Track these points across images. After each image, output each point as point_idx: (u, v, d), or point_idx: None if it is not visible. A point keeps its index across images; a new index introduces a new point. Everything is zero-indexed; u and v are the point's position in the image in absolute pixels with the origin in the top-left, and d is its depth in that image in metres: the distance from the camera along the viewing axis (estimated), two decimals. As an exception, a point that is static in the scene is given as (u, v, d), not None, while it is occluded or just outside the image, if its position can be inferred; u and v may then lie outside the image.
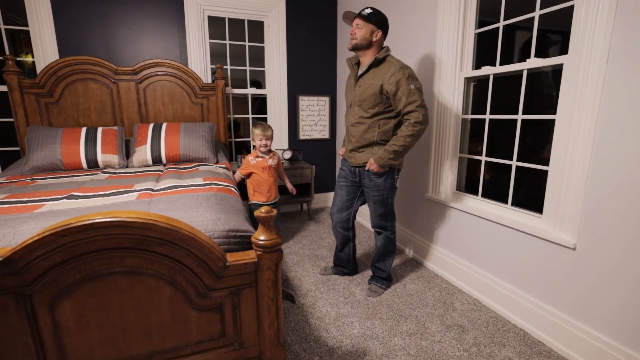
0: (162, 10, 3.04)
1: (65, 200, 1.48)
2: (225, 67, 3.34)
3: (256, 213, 1.14)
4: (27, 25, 2.77)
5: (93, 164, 2.37)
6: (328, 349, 1.58)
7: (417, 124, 1.71)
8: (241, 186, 2.76)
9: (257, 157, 2.45)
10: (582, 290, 1.46)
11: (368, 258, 2.54)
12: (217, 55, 3.36)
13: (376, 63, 1.80)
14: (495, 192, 2.01)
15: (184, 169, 2.29)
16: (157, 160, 2.51)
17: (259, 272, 1.16)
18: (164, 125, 2.65)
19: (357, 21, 1.79)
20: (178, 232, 1.02)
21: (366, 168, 1.88)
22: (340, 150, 2.17)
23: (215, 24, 3.29)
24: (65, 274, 0.97)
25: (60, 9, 2.78)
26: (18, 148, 2.90)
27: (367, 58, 1.84)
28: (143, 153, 2.48)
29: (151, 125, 2.63)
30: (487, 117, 1.97)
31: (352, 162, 1.97)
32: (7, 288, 0.92)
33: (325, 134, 3.79)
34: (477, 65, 2.06)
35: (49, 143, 2.31)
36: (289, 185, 2.72)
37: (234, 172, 2.53)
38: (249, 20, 3.37)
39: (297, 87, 3.60)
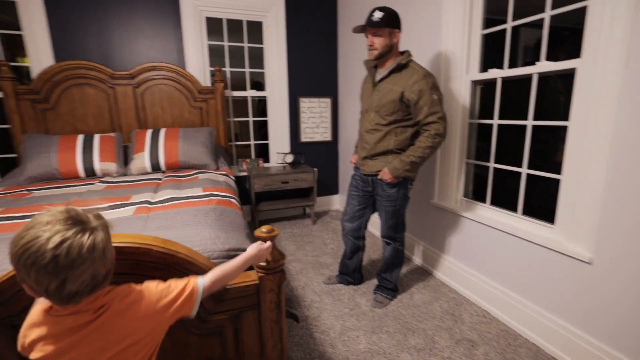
0: (158, 12, 2.97)
1: (59, 215, 1.42)
2: (224, 69, 3.28)
3: (256, 233, 1.08)
4: (21, 30, 2.70)
5: (90, 173, 2.31)
6: (333, 366, 1.53)
7: (437, 135, 1.65)
8: (242, 192, 2.67)
9: None
10: (599, 306, 1.39)
11: (373, 266, 2.48)
12: (216, 55, 3.29)
13: (398, 68, 1.71)
14: (504, 200, 1.94)
15: (183, 177, 2.23)
16: (155, 167, 2.45)
17: (261, 294, 1.11)
18: (162, 131, 2.59)
19: (372, 30, 1.69)
20: (174, 256, 0.97)
21: (379, 177, 1.81)
22: (352, 158, 2.09)
23: (214, 25, 3.22)
24: (56, 302, 0.92)
25: (54, 11, 2.70)
26: (16, 155, 2.85)
27: (387, 61, 1.76)
28: (141, 160, 2.42)
29: (149, 131, 2.57)
30: (495, 122, 1.90)
31: (365, 170, 1.89)
32: (-7, 320, 0.87)
33: (327, 136, 3.73)
34: (484, 67, 1.98)
35: (45, 152, 2.25)
36: None
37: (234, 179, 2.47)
38: (247, 21, 3.30)
39: (297, 89, 3.53)
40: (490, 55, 2.03)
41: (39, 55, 2.72)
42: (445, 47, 2.07)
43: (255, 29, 3.37)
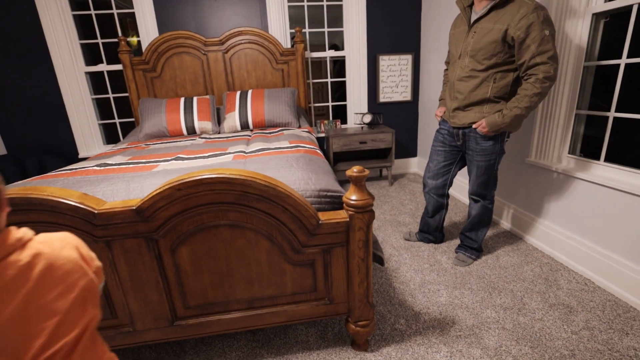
0: (244, -23, 3.08)
1: (174, 161, 1.66)
2: (303, 30, 3.30)
3: (348, 172, 1.12)
4: (132, 8, 3.07)
5: (191, 131, 2.62)
6: (414, 313, 1.56)
7: (546, 79, 1.44)
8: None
9: None
10: None
11: (454, 227, 2.39)
12: (295, 20, 3.33)
13: (500, 4, 1.50)
14: (622, 156, 1.66)
15: (270, 133, 2.39)
16: (244, 125, 2.66)
17: (350, 232, 1.16)
18: (250, 92, 2.77)
19: None
20: (275, 189, 1.06)
21: (475, 126, 1.66)
22: (438, 111, 1.94)
23: (294, -14, 3.22)
24: (182, 223, 1.09)
25: (157, -13, 3.00)
26: (132, 119, 3.35)
27: None
28: (232, 119, 2.65)
29: (238, 93, 2.77)
30: (623, 61, 1.59)
31: (455, 123, 1.76)
32: (140, 232, 1.07)
33: (407, 96, 3.56)
34: (612, -4, 1.64)
35: (157, 113, 2.61)
36: None
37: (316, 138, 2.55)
38: (327, -23, 3.22)
39: (377, 46, 3.39)
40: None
41: (147, 29, 3.08)
42: (559, -24, 1.76)
43: (334, -15, 3.27)
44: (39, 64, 3.04)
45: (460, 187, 2.88)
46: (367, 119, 3.27)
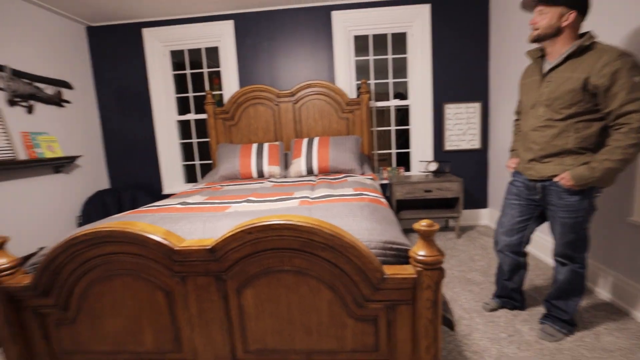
0: (314, 37, 3.39)
1: (244, 203, 1.76)
2: (369, 81, 3.44)
3: (416, 226, 1.07)
4: (219, 67, 3.54)
5: (260, 174, 2.80)
6: (490, 392, 1.34)
7: None
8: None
9: None
10: None
11: (536, 291, 2.09)
12: (362, 70, 3.51)
13: (578, 52, 1.43)
14: None
15: (334, 179, 2.44)
16: (310, 171, 2.77)
17: (417, 290, 1.09)
18: (316, 139, 2.91)
19: (540, 7, 1.47)
20: (340, 238, 1.06)
21: (557, 180, 1.51)
22: (510, 162, 1.82)
23: (360, 42, 3.44)
24: (249, 266, 1.13)
25: (241, 49, 3.44)
26: (210, 161, 3.72)
27: (557, 47, 1.49)
28: (298, 165, 2.78)
29: (305, 140, 2.93)
30: None
31: (532, 175, 1.62)
32: (211, 271, 1.13)
33: (475, 144, 3.41)
34: None
35: (232, 157, 2.86)
36: None
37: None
38: (392, 34, 3.39)
39: (442, 95, 3.38)
40: None
41: (230, 84, 3.50)
42: (656, 20, 1.61)
43: (398, 40, 3.43)
44: (143, 114, 3.61)
45: (541, 245, 2.56)
46: (433, 167, 3.18)
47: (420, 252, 1.07)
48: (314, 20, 3.35)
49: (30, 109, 2.81)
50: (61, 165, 3.05)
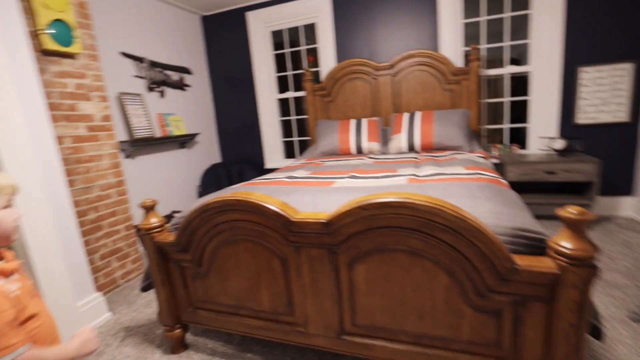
0: (416, 1, 3.10)
1: (348, 179, 1.76)
2: (479, 46, 3.03)
3: (562, 213, 0.90)
4: (316, 44, 3.55)
5: (359, 150, 2.77)
6: (643, 417, 1.11)
7: None
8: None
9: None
10: None
11: None
12: (469, 38, 3.11)
13: None
14: None
15: (440, 156, 2.26)
16: (411, 147, 2.62)
17: (558, 288, 0.93)
18: (418, 114, 2.73)
19: None
20: (465, 221, 0.96)
21: None
22: None
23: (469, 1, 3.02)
24: (362, 242, 1.12)
25: (339, 23, 3.38)
26: (307, 138, 3.84)
27: None
28: (399, 141, 2.65)
29: (406, 115, 2.77)
30: None
31: None
32: (324, 244, 1.16)
33: (621, 116, 2.75)
34: None
35: (331, 133, 2.89)
36: None
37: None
38: (515, -14, 2.88)
39: (577, 56, 2.78)
40: None
41: (327, 60, 3.49)
42: None
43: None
44: (248, 94, 3.89)
45: None
46: (559, 144, 2.69)
47: (566, 243, 0.91)
48: (418, -19, 3.06)
49: (162, 94, 3.28)
50: (185, 141, 3.52)
